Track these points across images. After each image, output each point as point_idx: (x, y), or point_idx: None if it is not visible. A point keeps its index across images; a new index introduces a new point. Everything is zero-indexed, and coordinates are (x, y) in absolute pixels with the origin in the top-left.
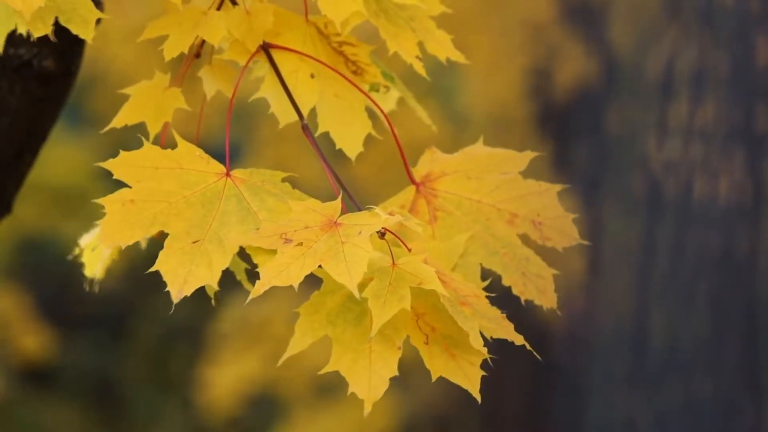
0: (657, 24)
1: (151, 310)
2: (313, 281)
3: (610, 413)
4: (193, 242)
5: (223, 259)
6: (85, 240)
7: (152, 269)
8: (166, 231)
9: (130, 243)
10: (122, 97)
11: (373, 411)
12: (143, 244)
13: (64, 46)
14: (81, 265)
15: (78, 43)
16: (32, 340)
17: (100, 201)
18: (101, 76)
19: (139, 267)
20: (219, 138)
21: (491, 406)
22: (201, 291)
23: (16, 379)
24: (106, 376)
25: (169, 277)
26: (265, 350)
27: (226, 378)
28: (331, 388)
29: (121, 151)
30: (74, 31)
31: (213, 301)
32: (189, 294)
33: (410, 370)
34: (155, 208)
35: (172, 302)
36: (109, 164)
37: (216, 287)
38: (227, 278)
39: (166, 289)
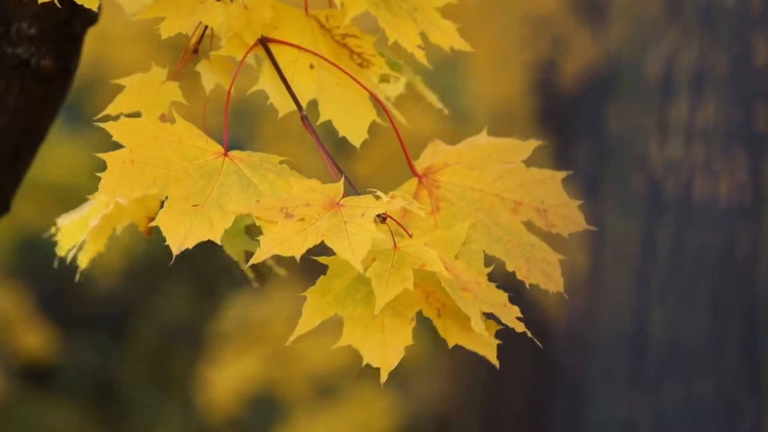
0: (657, 24)
1: (151, 310)
2: (313, 280)
3: (610, 413)
4: (193, 206)
5: (225, 221)
6: (64, 220)
7: (152, 224)
8: (165, 193)
9: (131, 197)
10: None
11: (373, 411)
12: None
13: (62, 45)
14: (55, 244)
15: (76, 42)
16: (32, 339)
17: (101, 155)
18: (102, 76)
19: (138, 267)
20: (220, 137)
21: (491, 406)
22: (201, 291)
23: (16, 379)
24: (106, 376)
25: (169, 232)
26: (265, 350)
27: (226, 378)
28: (331, 389)
29: (122, 116)
30: (79, 1)
31: (255, 284)
32: (191, 247)
33: (410, 371)
34: (155, 172)
35: (172, 302)
36: (108, 125)
37: (220, 242)
38: (227, 278)
39: (166, 243)
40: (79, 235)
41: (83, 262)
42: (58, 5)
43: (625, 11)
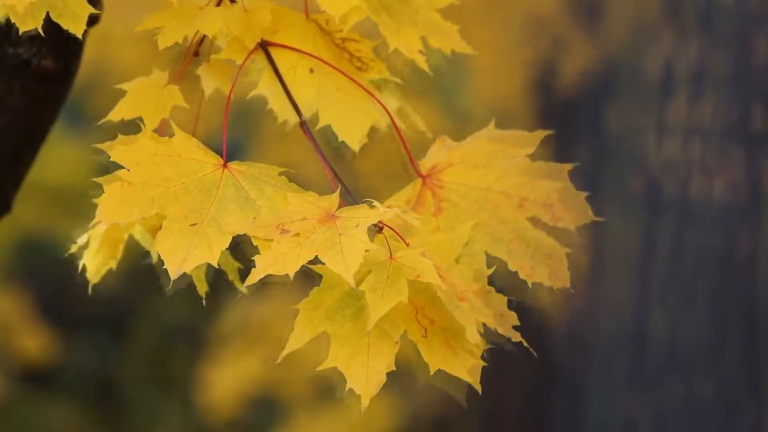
0: (656, 23)
1: (151, 310)
2: (315, 282)
3: (610, 413)
4: (192, 225)
5: (222, 241)
6: (84, 239)
7: (151, 248)
8: (164, 213)
9: (129, 221)
10: (123, 97)
11: (373, 412)
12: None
13: (63, 45)
14: (82, 268)
15: (77, 42)
16: (32, 342)
17: (98, 180)
18: (103, 78)
19: (138, 267)
20: (220, 138)
21: (491, 407)
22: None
23: (15, 379)
24: (106, 376)
25: (168, 255)
26: (265, 351)
27: (226, 379)
28: (331, 390)
29: (119, 134)
30: (65, 27)
31: (203, 301)
32: (188, 271)
33: (410, 372)
34: (153, 191)
35: (172, 302)
36: (106, 146)
37: (216, 265)
38: (227, 279)
39: (164, 266)
40: (103, 259)
41: (95, 276)
42: (41, 33)
43: (624, 11)
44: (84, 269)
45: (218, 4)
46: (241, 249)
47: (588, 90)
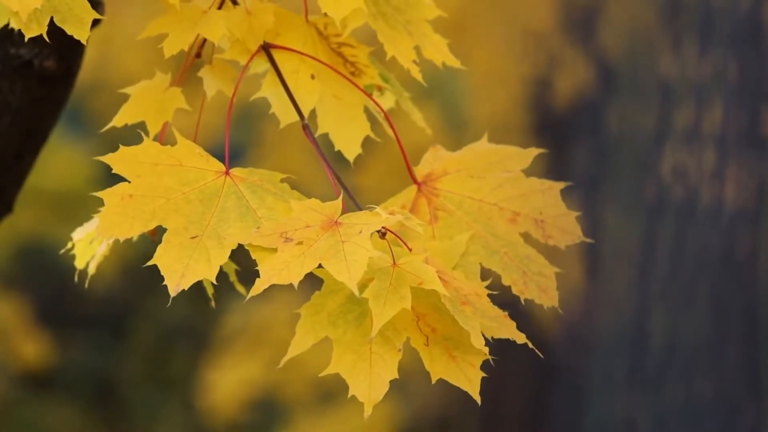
0: (659, 29)
1: (151, 310)
2: (316, 284)
3: (610, 413)
4: (192, 237)
5: (222, 255)
6: (79, 234)
7: (150, 263)
8: (164, 226)
9: (129, 236)
10: (124, 101)
11: (374, 416)
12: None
13: (65, 46)
14: (73, 257)
15: (78, 44)
16: (32, 347)
17: (98, 194)
18: (105, 81)
19: (138, 267)
20: (222, 140)
21: (491, 407)
22: (201, 291)
23: (15, 380)
24: (106, 377)
25: (167, 271)
26: (267, 354)
27: (227, 381)
28: (333, 393)
29: (120, 146)
30: (69, 32)
31: (212, 302)
32: (186, 288)
33: (410, 375)
34: (154, 203)
35: (171, 303)
36: (108, 158)
37: (215, 282)
38: (229, 281)
39: (164, 283)
40: (95, 246)
41: (92, 267)
42: (47, 39)
43: (624, 18)
44: (77, 260)
45: (220, 7)
46: (244, 251)
47: (591, 95)
